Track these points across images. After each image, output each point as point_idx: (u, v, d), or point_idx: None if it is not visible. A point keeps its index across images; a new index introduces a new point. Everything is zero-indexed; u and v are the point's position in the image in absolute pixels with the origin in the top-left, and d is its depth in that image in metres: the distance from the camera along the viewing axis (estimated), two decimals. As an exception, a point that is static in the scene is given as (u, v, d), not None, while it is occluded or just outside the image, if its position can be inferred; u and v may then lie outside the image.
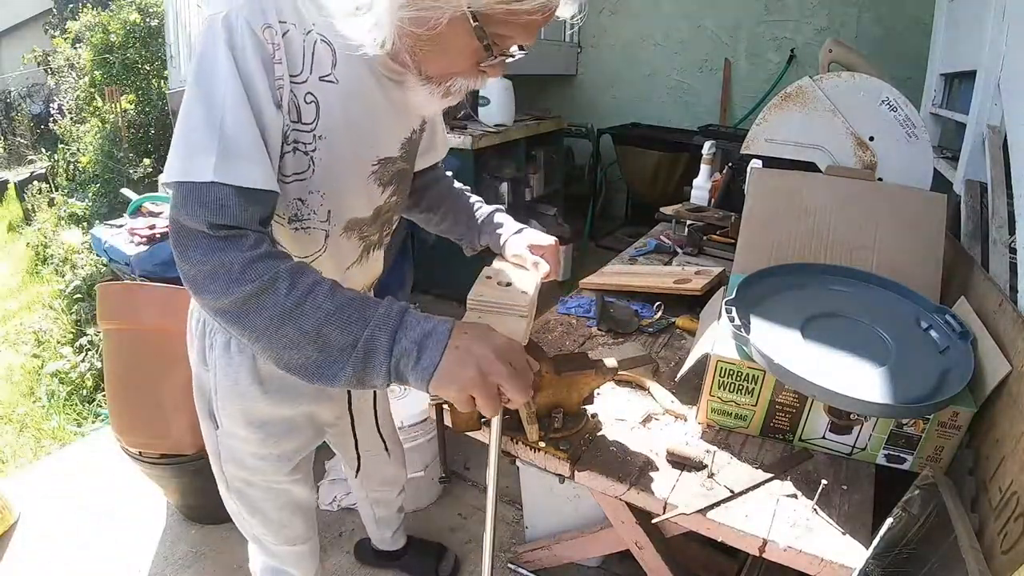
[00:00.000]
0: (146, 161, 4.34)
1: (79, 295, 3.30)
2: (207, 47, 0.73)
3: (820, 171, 1.50)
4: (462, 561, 1.80)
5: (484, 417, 0.90)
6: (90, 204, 4.35)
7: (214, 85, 0.72)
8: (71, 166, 5.13)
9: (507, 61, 0.79)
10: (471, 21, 0.70)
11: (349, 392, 1.21)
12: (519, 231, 1.15)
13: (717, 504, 0.87)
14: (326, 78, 0.81)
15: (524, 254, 1.08)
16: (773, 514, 0.86)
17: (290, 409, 1.05)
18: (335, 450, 1.36)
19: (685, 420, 1.07)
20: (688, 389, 1.14)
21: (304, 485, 1.18)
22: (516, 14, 0.71)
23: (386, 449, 1.41)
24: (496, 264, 1.07)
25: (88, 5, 5.78)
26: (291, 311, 0.69)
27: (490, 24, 0.72)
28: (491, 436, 0.89)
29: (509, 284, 0.96)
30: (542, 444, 0.96)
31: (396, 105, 0.89)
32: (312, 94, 0.80)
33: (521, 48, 0.78)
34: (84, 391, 2.70)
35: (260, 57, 0.74)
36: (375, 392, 1.32)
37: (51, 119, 5.89)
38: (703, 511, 0.86)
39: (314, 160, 0.83)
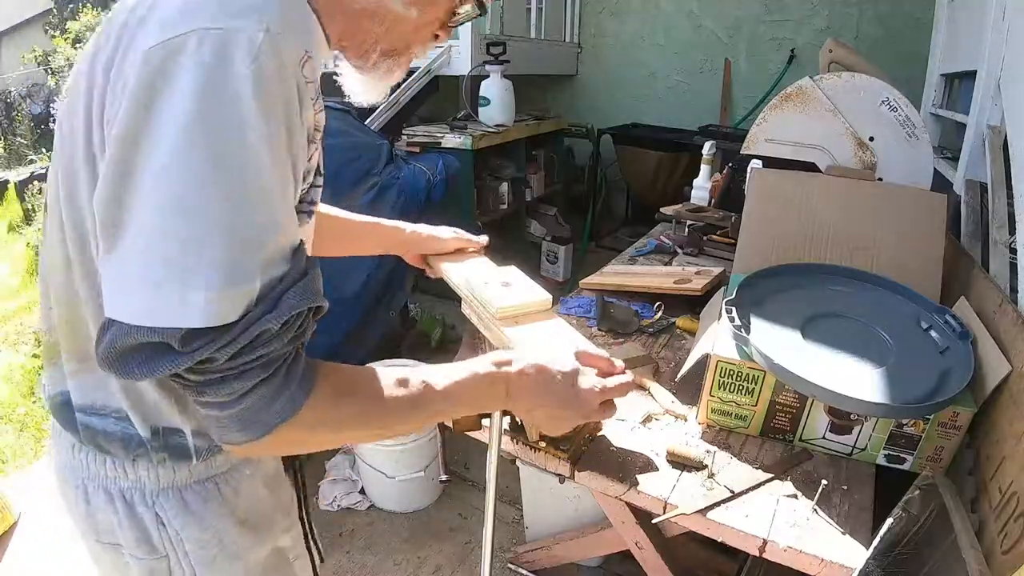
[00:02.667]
0: (146, 161, 4.33)
1: (79, 295, 3.30)
2: (216, 97, 0.48)
3: (820, 171, 1.50)
4: (462, 561, 1.80)
5: (484, 417, 0.90)
6: (90, 204, 4.35)
7: (245, 174, 0.50)
8: (71, 166, 5.12)
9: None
10: None
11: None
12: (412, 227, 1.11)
13: (717, 504, 0.87)
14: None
15: (460, 233, 1.09)
16: (773, 514, 0.86)
17: (269, 539, 0.79)
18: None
19: (685, 420, 1.07)
20: (688, 389, 1.14)
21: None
22: None
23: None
24: (461, 265, 1.06)
25: (88, 5, 5.78)
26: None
27: None
28: (491, 436, 0.89)
29: (508, 284, 0.96)
30: (542, 444, 0.96)
31: None
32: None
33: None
34: (84, 391, 2.70)
35: (299, 115, 0.54)
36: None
37: (51, 119, 5.89)
38: (703, 511, 0.86)
39: (306, 221, 0.66)
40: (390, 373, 0.65)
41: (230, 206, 0.50)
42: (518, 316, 0.91)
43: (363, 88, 0.73)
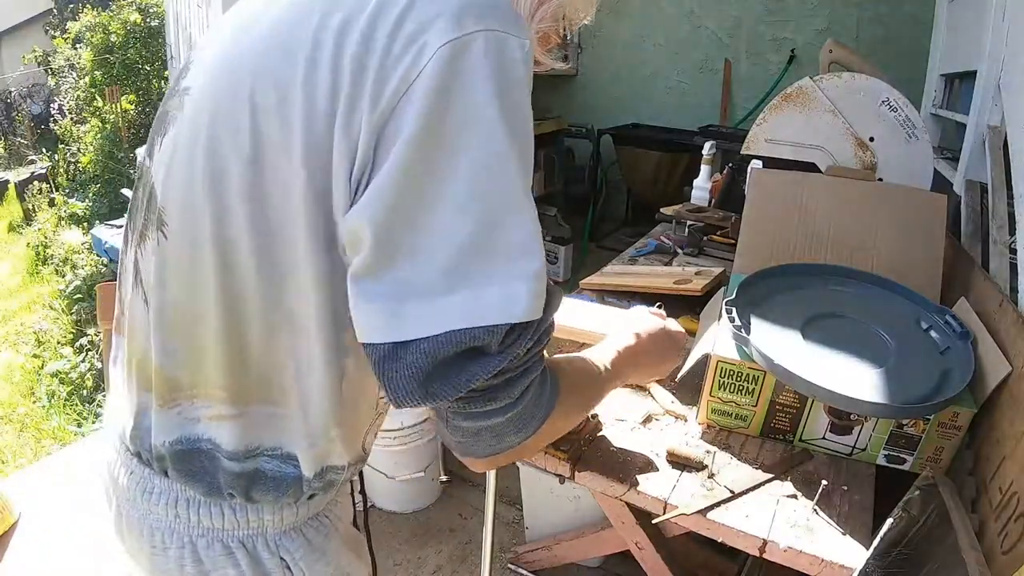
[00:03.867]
0: (146, 161, 4.35)
1: (79, 295, 3.31)
2: (508, 93, 0.49)
3: (820, 171, 1.50)
4: (462, 561, 1.80)
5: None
6: (90, 204, 4.36)
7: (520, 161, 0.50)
8: (71, 166, 5.14)
9: None
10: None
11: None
12: None
13: (717, 504, 0.87)
14: None
15: None
16: (773, 514, 0.86)
17: (366, 560, 0.82)
18: None
19: (685, 420, 1.07)
20: (688, 389, 1.14)
21: None
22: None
23: None
24: None
25: (88, 5, 5.78)
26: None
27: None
28: (491, 436, 0.89)
29: None
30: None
31: None
32: None
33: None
34: (84, 391, 2.71)
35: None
36: None
37: (51, 119, 5.90)
38: (703, 511, 0.86)
39: None
40: (577, 360, 0.72)
41: (528, 198, 0.50)
42: None
43: None
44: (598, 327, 0.91)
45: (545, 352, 0.58)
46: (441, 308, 0.46)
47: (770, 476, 0.93)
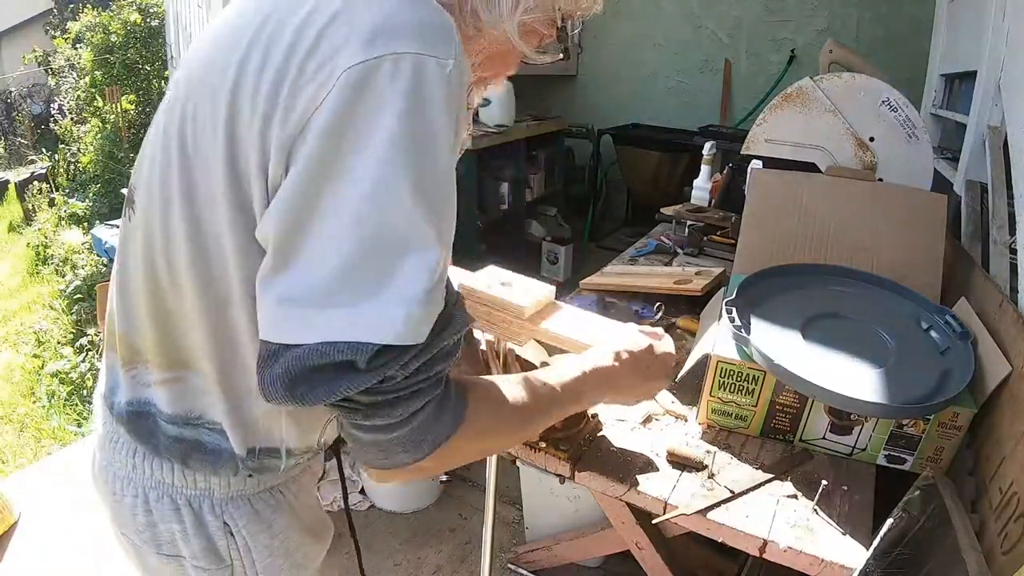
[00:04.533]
0: (146, 161, 4.35)
1: (79, 295, 3.31)
2: (417, 117, 0.49)
3: (820, 171, 1.50)
4: (462, 561, 1.80)
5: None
6: (90, 204, 4.36)
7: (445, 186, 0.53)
8: (71, 166, 5.14)
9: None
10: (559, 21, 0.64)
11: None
12: None
13: (717, 504, 0.87)
14: None
15: None
16: (773, 515, 0.86)
17: (325, 545, 0.83)
18: None
19: (685, 420, 1.07)
20: (688, 389, 1.14)
21: None
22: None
23: None
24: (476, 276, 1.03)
25: (89, 5, 5.78)
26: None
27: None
28: (491, 436, 0.89)
29: (507, 283, 0.96)
30: (542, 444, 0.96)
31: None
32: None
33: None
34: (84, 391, 2.71)
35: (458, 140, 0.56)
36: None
37: (51, 119, 5.91)
38: (703, 511, 0.86)
39: None
40: (515, 379, 0.67)
41: (431, 223, 0.50)
42: (539, 313, 0.92)
43: None
44: (586, 338, 0.89)
45: (454, 372, 0.58)
46: (321, 318, 0.48)
47: (770, 476, 0.93)
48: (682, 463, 0.95)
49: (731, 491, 0.89)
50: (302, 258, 0.49)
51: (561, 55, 0.69)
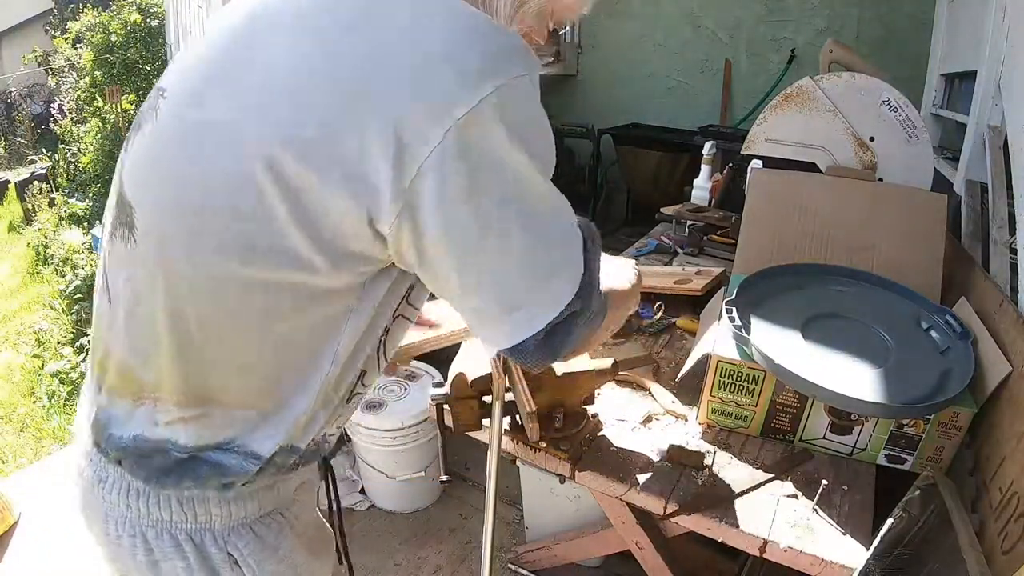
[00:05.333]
0: (146, 161, 4.35)
1: (79, 295, 3.31)
2: (526, 132, 0.56)
3: (820, 171, 1.50)
4: (462, 561, 1.80)
5: (485, 417, 0.90)
6: (90, 204, 4.36)
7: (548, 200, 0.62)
8: (71, 166, 5.14)
9: None
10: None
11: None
12: None
13: (717, 504, 0.87)
14: None
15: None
16: (773, 514, 0.86)
17: (329, 562, 0.82)
18: None
19: (686, 420, 1.07)
20: (688, 389, 1.14)
21: None
22: None
23: None
24: None
25: (89, 5, 5.78)
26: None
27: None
28: (491, 436, 0.89)
29: None
30: (542, 444, 0.96)
31: None
32: None
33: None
34: (84, 391, 2.71)
35: None
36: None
37: (51, 119, 5.90)
38: (703, 511, 0.86)
39: None
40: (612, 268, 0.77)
41: (547, 183, 0.61)
42: None
43: None
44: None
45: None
46: (532, 310, 0.58)
47: (770, 476, 0.93)
48: (682, 463, 0.95)
49: (731, 491, 0.89)
50: (480, 284, 0.57)
51: (553, 59, 0.71)
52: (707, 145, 2.32)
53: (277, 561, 0.69)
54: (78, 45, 5.72)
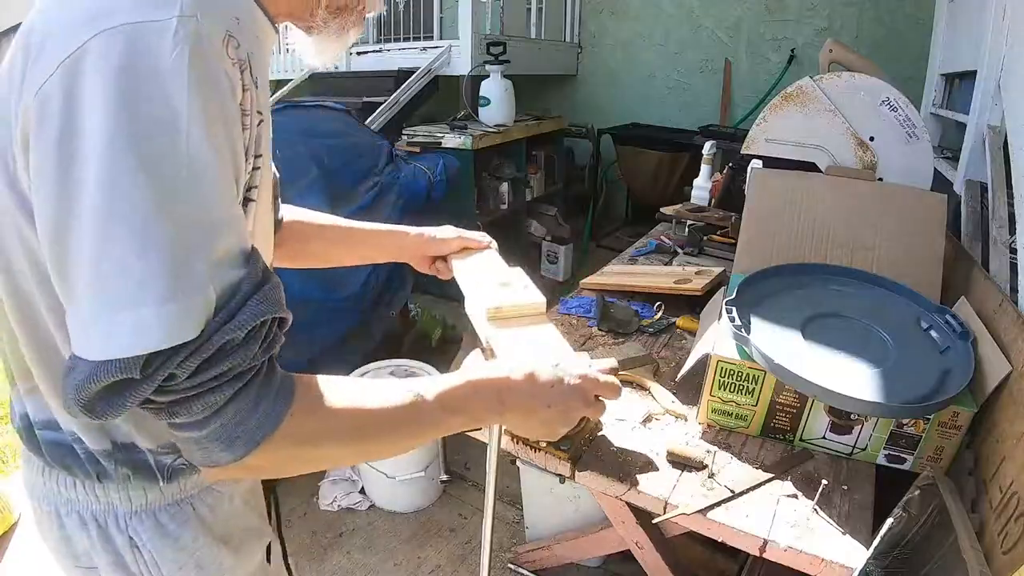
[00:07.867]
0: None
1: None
2: (134, 102, 0.45)
3: (820, 171, 1.50)
4: (462, 561, 1.80)
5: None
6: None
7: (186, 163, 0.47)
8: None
9: None
10: None
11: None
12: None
13: (717, 504, 0.87)
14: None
15: (463, 233, 1.05)
16: (773, 514, 0.86)
17: (249, 557, 0.77)
18: None
19: (685, 420, 1.07)
20: (688, 389, 1.14)
21: None
22: None
23: None
24: (469, 262, 1.03)
25: (88, 5, 5.78)
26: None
27: None
28: (491, 436, 0.89)
29: (506, 284, 0.95)
30: (542, 444, 0.96)
31: None
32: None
33: None
34: (84, 391, 2.70)
35: (232, 102, 0.51)
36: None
37: (51, 119, 5.89)
38: (703, 511, 0.86)
39: (251, 208, 0.60)
40: (377, 383, 0.63)
41: (166, 215, 0.46)
42: (509, 318, 0.88)
43: (316, 50, 0.69)
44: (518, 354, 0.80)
45: (283, 374, 0.56)
46: (89, 335, 0.47)
47: (770, 476, 0.93)
48: (682, 463, 0.95)
49: (731, 491, 0.89)
50: (67, 276, 0.47)
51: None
52: (707, 145, 2.32)
53: (177, 550, 0.68)
54: (78, 45, 5.72)
